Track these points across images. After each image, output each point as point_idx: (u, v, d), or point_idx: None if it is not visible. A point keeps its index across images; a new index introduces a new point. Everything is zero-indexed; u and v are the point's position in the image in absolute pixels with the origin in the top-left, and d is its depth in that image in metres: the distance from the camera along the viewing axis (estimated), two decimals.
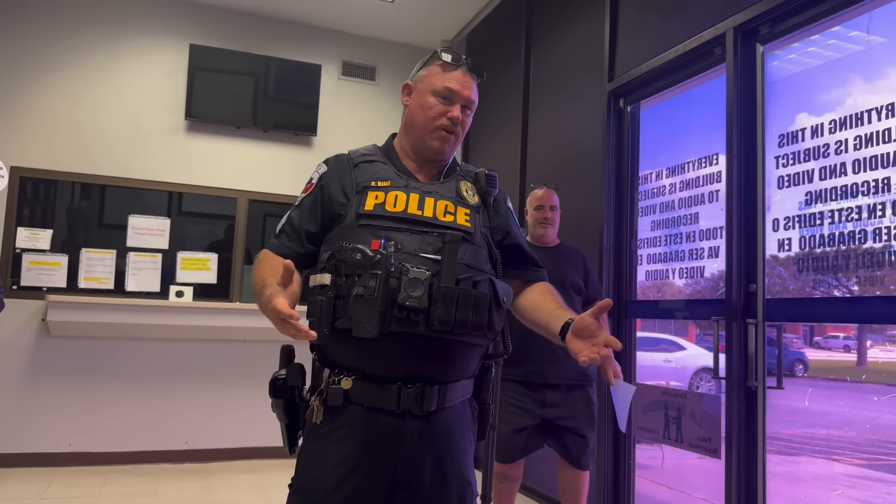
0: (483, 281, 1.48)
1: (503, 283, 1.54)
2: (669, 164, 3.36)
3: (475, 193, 1.64)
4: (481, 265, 1.53)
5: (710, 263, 3.06)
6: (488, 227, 1.62)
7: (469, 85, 1.63)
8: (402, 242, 1.47)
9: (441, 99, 1.60)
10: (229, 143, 5.19)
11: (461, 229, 1.52)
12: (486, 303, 1.46)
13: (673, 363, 6.88)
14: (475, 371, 1.59)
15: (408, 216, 1.51)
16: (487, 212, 1.64)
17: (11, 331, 4.48)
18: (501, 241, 1.65)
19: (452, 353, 1.48)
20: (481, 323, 1.45)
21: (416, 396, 1.44)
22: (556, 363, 2.93)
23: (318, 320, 1.42)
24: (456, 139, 1.63)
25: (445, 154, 1.63)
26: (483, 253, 1.56)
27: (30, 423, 4.50)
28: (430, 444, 1.48)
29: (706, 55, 3.08)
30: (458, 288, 1.43)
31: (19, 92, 4.69)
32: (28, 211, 4.71)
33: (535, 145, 4.55)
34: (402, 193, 1.54)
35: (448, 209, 1.55)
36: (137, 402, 4.74)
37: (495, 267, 1.60)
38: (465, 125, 1.64)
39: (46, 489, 4.02)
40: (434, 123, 1.60)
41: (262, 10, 5.24)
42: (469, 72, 1.64)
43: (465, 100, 1.61)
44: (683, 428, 2.99)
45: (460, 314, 1.42)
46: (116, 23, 4.95)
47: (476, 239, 1.56)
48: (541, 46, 4.59)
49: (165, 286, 4.85)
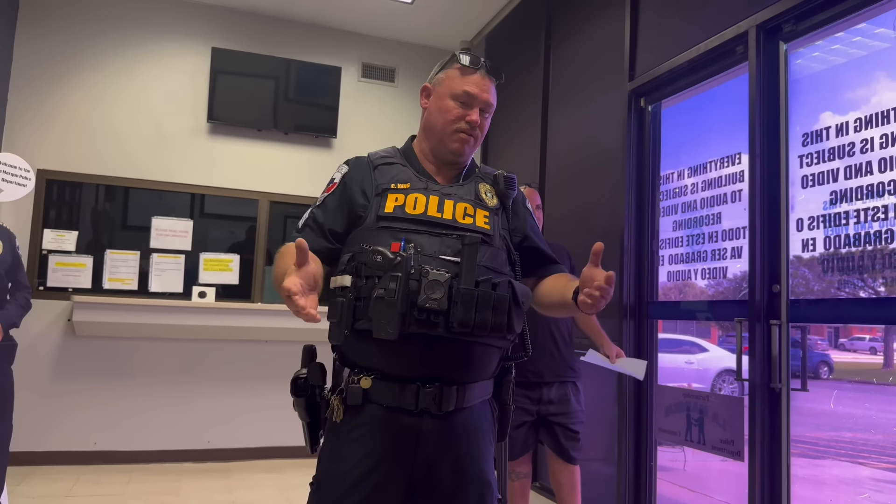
0: (502, 283, 1.48)
1: (522, 285, 1.55)
2: (691, 164, 3.33)
3: (494, 195, 1.64)
4: (500, 267, 1.54)
5: (732, 264, 3.02)
6: (507, 230, 1.63)
7: (487, 88, 1.63)
8: (421, 244, 1.48)
9: (460, 103, 1.60)
10: (251, 145, 5.23)
11: (480, 231, 1.53)
12: (505, 304, 1.46)
13: (695, 365, 6.81)
14: (494, 372, 1.59)
15: (427, 218, 1.52)
16: (506, 214, 1.65)
17: (38, 331, 4.55)
18: (520, 243, 1.66)
19: (471, 355, 1.49)
20: (500, 324, 1.46)
21: (434, 396, 1.45)
22: (552, 361, 3.03)
23: (338, 322, 1.43)
24: (475, 142, 1.63)
25: (465, 156, 1.64)
26: (502, 255, 1.57)
27: (56, 421, 4.57)
28: (449, 443, 1.49)
29: (728, 54, 3.05)
30: (478, 290, 1.44)
31: (45, 96, 4.77)
32: (54, 213, 4.78)
33: (554, 146, 4.53)
34: (422, 196, 1.55)
35: (467, 211, 1.56)
36: (160, 402, 4.80)
37: (514, 269, 1.60)
38: (484, 128, 1.65)
39: (73, 487, 4.08)
40: (453, 126, 1.60)
41: (283, 13, 5.28)
42: (488, 74, 1.63)
43: (484, 103, 1.62)
44: (706, 430, 2.96)
45: (479, 316, 1.43)
46: (139, 27, 5.02)
47: (495, 241, 1.57)
48: (560, 46, 4.58)
49: (188, 287, 4.90)
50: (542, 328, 3.03)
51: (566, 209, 4.23)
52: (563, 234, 4.12)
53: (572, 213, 4.17)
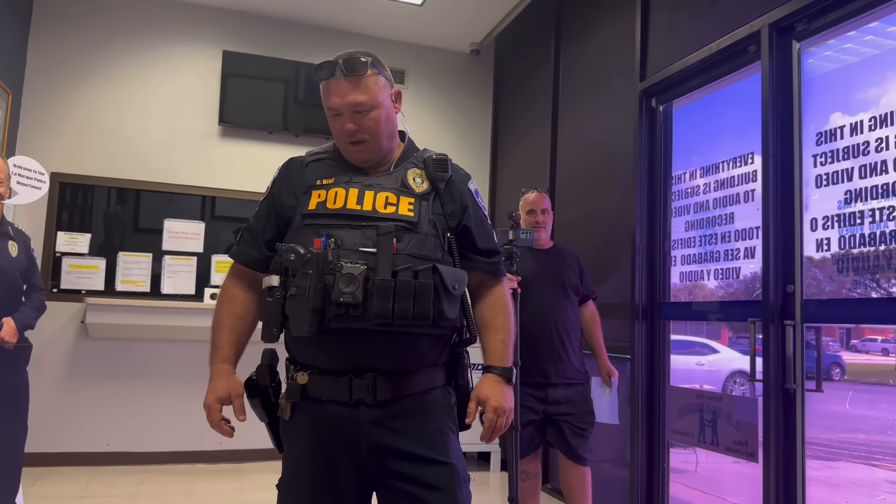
0: (424, 270, 1.46)
1: (454, 270, 1.52)
2: (703, 164, 3.32)
3: (424, 180, 1.58)
4: (429, 254, 1.50)
5: (745, 264, 3.01)
6: (442, 214, 1.57)
7: (347, 90, 1.52)
8: (342, 238, 1.48)
9: (334, 116, 1.56)
10: (261, 147, 5.26)
11: (402, 219, 1.50)
12: (427, 292, 1.43)
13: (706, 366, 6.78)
14: (440, 360, 1.56)
15: (346, 212, 1.51)
16: (440, 198, 1.58)
17: (52, 332, 4.58)
18: (456, 226, 1.59)
19: (400, 345, 1.47)
20: (424, 313, 1.43)
21: (367, 387, 1.45)
22: (559, 363, 3.04)
23: (267, 322, 1.48)
24: (367, 144, 1.56)
25: (369, 161, 1.58)
26: (431, 241, 1.52)
27: (70, 422, 4.60)
28: (394, 430, 1.47)
29: (740, 53, 3.04)
30: (395, 280, 1.42)
31: (58, 100, 4.80)
32: (67, 216, 4.82)
33: (564, 147, 4.53)
34: (343, 189, 1.54)
35: (389, 200, 1.52)
36: (173, 403, 4.82)
37: (452, 254, 1.56)
38: (368, 127, 1.54)
39: (86, 487, 4.10)
40: (341, 142, 1.57)
41: (293, 16, 5.30)
42: (344, 75, 1.53)
43: (349, 106, 1.53)
44: (719, 431, 2.95)
45: (399, 306, 1.41)
46: (151, 31, 5.05)
47: (422, 227, 1.51)
48: (570, 47, 4.57)
49: (200, 289, 4.93)
50: (548, 329, 3.03)
51: (577, 211, 4.23)
52: (574, 236, 4.12)
53: (583, 215, 4.17)
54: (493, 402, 1.54)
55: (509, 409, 1.55)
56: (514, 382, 1.65)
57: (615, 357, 3.42)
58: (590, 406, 3.10)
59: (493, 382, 1.56)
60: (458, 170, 1.65)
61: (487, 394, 1.54)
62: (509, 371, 1.58)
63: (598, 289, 3.43)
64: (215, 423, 1.58)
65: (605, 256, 3.87)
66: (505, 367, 1.58)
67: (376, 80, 1.56)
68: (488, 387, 1.56)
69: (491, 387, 1.56)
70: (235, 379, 1.62)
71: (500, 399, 1.54)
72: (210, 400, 1.60)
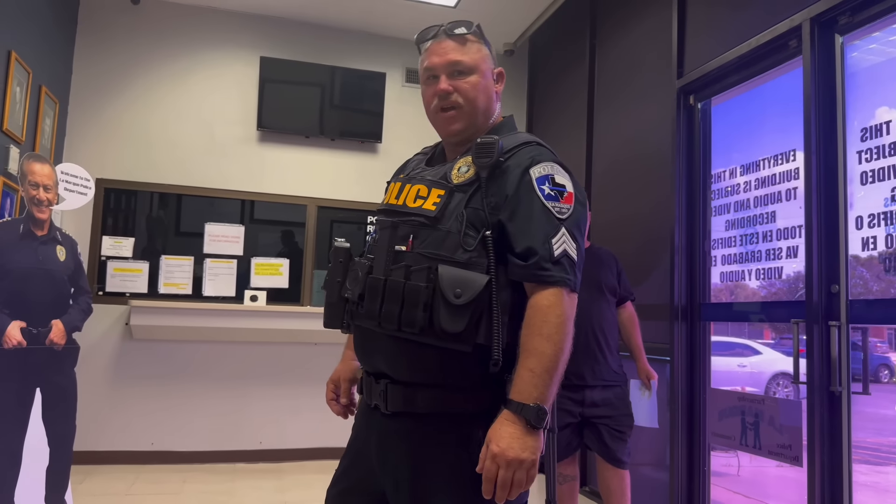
0: (419, 270, 1.30)
1: (463, 274, 1.28)
2: (744, 162, 3.25)
3: (470, 168, 1.38)
4: (447, 254, 1.31)
5: (788, 264, 2.94)
6: (482, 208, 1.34)
7: (447, 49, 1.45)
8: (378, 234, 1.46)
9: (429, 82, 1.47)
10: (298, 151, 5.32)
11: (421, 214, 1.36)
12: (417, 297, 1.28)
13: (748, 368, 6.64)
14: (463, 382, 1.31)
15: (387, 207, 1.48)
16: (482, 188, 1.35)
17: (98, 334, 4.71)
18: (499, 222, 1.34)
19: (403, 353, 1.33)
20: (412, 320, 1.28)
21: (381, 392, 1.36)
22: (596, 365, 3.01)
23: None
24: (460, 111, 1.43)
25: (459, 133, 1.45)
26: (455, 239, 1.32)
27: (115, 422, 4.72)
28: (394, 451, 1.35)
29: (781, 48, 2.97)
30: (386, 280, 1.33)
31: (103, 108, 4.94)
32: (111, 220, 4.95)
33: (600, 147, 4.49)
34: (396, 184, 1.50)
35: (420, 193, 1.40)
36: (214, 403, 4.91)
37: (487, 252, 1.31)
38: (467, 91, 1.43)
39: (131, 486, 4.21)
40: (431, 109, 1.47)
41: (328, 21, 5.36)
42: (446, 36, 1.46)
43: (447, 65, 1.43)
44: (762, 434, 2.89)
45: (385, 308, 1.31)
46: (191, 39, 5.16)
47: (444, 223, 1.34)
48: (605, 45, 4.53)
49: (240, 291, 5.01)
50: (584, 329, 2.98)
51: (613, 211, 4.19)
52: (611, 237, 4.07)
53: (620, 216, 4.12)
54: (493, 447, 1.21)
55: (515, 461, 1.20)
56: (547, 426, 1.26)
57: (654, 359, 3.38)
58: (628, 408, 3.06)
59: (504, 421, 1.23)
60: (522, 154, 1.38)
61: (491, 435, 1.23)
62: (532, 410, 1.21)
63: (636, 290, 3.39)
64: (327, 400, 1.63)
65: (643, 257, 3.82)
66: (526, 405, 1.22)
67: (479, 47, 1.48)
68: (496, 426, 1.24)
69: (499, 427, 1.23)
70: (351, 365, 1.62)
71: (505, 445, 1.20)
72: (328, 380, 1.65)
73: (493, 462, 1.21)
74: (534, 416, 1.21)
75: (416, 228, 1.36)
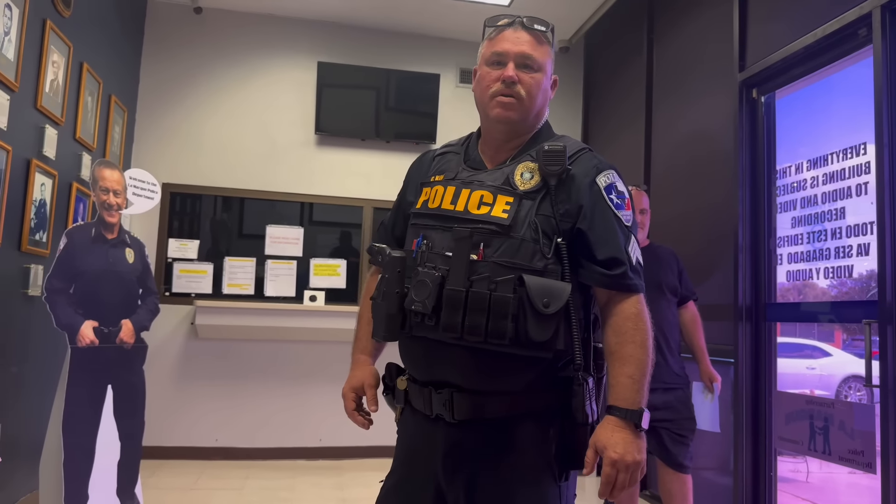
0: (505, 281, 1.29)
1: (549, 283, 1.30)
2: (810, 157, 3.13)
3: (535, 175, 1.37)
4: (524, 262, 1.31)
5: (858, 262, 2.82)
6: (552, 215, 1.34)
7: (522, 40, 1.43)
8: (434, 241, 1.39)
9: (494, 65, 1.44)
10: (354, 154, 5.40)
11: (493, 222, 1.34)
12: (504, 307, 1.27)
13: (817, 370, 6.39)
14: (537, 385, 1.35)
15: (441, 212, 1.41)
16: (551, 196, 1.36)
17: (165, 334, 4.88)
18: (570, 230, 1.36)
19: (480, 362, 1.32)
20: (500, 331, 1.27)
21: (445, 402, 1.35)
22: (656, 367, 2.88)
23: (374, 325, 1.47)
24: (519, 103, 1.42)
25: (511, 122, 1.44)
26: (529, 247, 1.32)
27: (181, 418, 4.88)
28: (466, 459, 1.35)
29: (850, 37, 2.85)
30: (468, 291, 1.29)
31: (167, 115, 5.12)
32: (177, 223, 5.13)
33: (659, 143, 4.40)
34: (442, 187, 1.44)
35: (484, 199, 1.37)
36: (275, 401, 5.02)
37: (562, 262, 1.33)
38: (529, 84, 1.42)
39: (197, 480, 4.34)
40: (489, 92, 1.44)
41: (383, 24, 5.41)
42: (523, 27, 1.44)
43: (519, 56, 1.42)
44: (832, 439, 2.78)
45: (469, 320, 1.28)
46: (252, 47, 5.29)
47: (518, 231, 1.33)
48: (663, 39, 4.44)
49: (300, 291, 5.11)
50: None
51: (674, 209, 4.09)
52: (671, 235, 3.98)
53: (681, 213, 4.03)
54: (612, 454, 1.26)
55: (633, 464, 1.26)
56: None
57: (717, 361, 3.29)
58: (690, 412, 2.98)
59: (615, 428, 1.28)
60: (584, 161, 1.41)
61: (605, 442, 1.28)
62: (637, 415, 1.28)
63: (698, 289, 3.31)
64: (349, 411, 1.57)
65: (705, 255, 3.73)
66: (632, 410, 1.29)
67: (548, 50, 1.48)
68: (607, 433, 1.28)
69: (611, 434, 1.28)
70: (370, 370, 1.61)
71: (622, 450, 1.26)
72: (345, 389, 1.59)
73: (613, 468, 1.26)
74: (638, 419, 1.29)
75: (487, 236, 1.33)
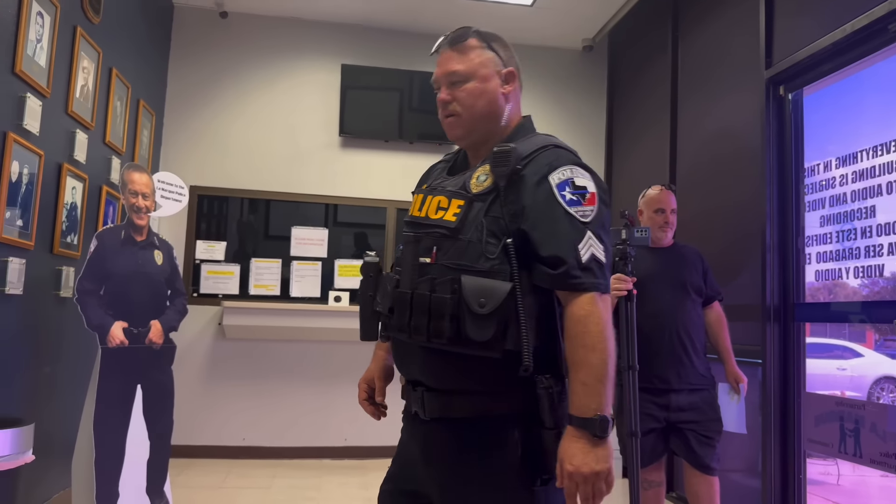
0: (444, 282, 1.31)
1: (485, 283, 1.29)
2: (839, 154, 3.08)
3: (489, 177, 1.38)
4: (470, 264, 1.32)
5: (890, 261, 2.77)
6: (501, 216, 1.34)
7: (446, 60, 1.49)
8: (404, 247, 1.47)
9: (436, 91, 1.52)
10: (378, 155, 5.43)
11: (442, 226, 1.37)
12: (443, 308, 1.29)
13: (848, 371, 6.28)
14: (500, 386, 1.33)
15: (412, 219, 1.49)
16: (501, 197, 1.35)
17: (193, 334, 4.95)
18: (518, 229, 1.34)
19: (438, 362, 1.35)
20: (439, 331, 1.29)
21: (419, 400, 1.41)
22: (681, 368, 2.89)
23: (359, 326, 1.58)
24: (458, 119, 1.46)
25: (459, 139, 1.50)
26: (476, 248, 1.32)
27: (209, 418, 4.95)
28: (437, 456, 1.39)
29: (879, 33, 2.80)
30: (412, 293, 1.35)
31: (194, 118, 5.19)
32: (205, 225, 5.20)
33: (685, 142, 4.35)
34: (420, 196, 1.50)
35: (441, 205, 1.41)
36: (301, 401, 5.07)
37: (510, 262, 1.31)
38: (463, 98, 1.46)
39: (224, 479, 4.40)
40: (441, 118, 1.51)
41: (406, 26, 5.43)
42: (448, 47, 1.51)
43: (445, 76, 1.48)
44: (863, 442, 2.73)
45: (414, 321, 1.33)
46: (277, 50, 5.34)
47: (465, 234, 1.34)
48: (688, 36, 4.39)
49: (325, 292, 5.16)
50: (668, 332, 2.89)
51: (699, 207, 4.05)
52: (697, 234, 3.94)
53: (706, 212, 3.99)
54: (567, 466, 1.23)
55: (591, 475, 1.22)
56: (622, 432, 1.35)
57: (744, 362, 3.24)
58: (717, 413, 2.94)
59: (571, 438, 1.25)
60: (539, 160, 1.38)
61: (562, 454, 1.26)
62: (595, 423, 1.23)
63: (724, 289, 3.26)
64: (360, 401, 1.65)
65: (732, 255, 3.68)
66: (586, 418, 1.24)
67: (480, 53, 1.50)
68: (565, 444, 1.26)
69: (568, 444, 1.25)
70: (383, 364, 1.67)
71: (578, 461, 1.23)
72: (360, 380, 1.68)
73: (570, 480, 1.24)
74: (598, 428, 1.24)
75: (438, 240, 1.37)
